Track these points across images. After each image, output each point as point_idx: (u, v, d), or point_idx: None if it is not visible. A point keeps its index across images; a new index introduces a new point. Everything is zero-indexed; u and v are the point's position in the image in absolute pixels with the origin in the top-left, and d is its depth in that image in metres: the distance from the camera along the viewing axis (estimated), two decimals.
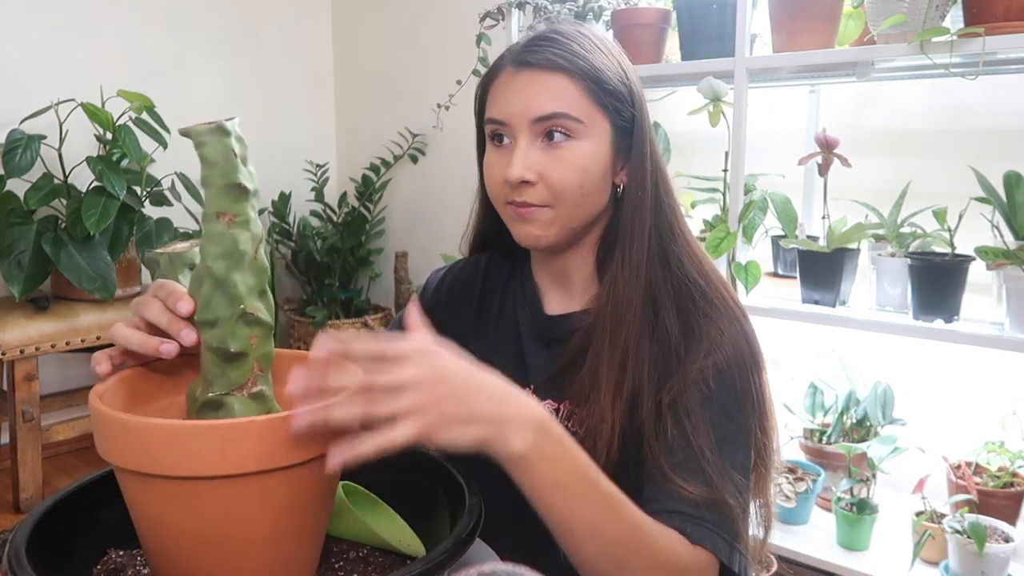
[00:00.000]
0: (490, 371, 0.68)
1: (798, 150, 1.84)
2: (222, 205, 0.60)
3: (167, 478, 0.56)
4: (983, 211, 1.55)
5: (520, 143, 0.84)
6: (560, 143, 0.83)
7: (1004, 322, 1.48)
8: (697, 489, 0.75)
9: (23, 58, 2.45)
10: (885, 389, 1.78)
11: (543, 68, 0.84)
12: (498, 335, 0.97)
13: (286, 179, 2.98)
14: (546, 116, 0.83)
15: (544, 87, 0.84)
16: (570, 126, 0.83)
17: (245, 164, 0.62)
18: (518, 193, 0.84)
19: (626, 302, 0.85)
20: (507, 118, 0.85)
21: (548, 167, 0.83)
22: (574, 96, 0.83)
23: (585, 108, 0.84)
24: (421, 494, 0.79)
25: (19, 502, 2.18)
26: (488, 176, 0.88)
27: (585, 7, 1.92)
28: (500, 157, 0.86)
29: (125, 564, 0.69)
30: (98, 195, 2.17)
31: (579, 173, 0.84)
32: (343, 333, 0.58)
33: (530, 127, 0.84)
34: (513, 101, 0.85)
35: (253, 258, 0.62)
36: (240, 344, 0.61)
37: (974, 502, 1.56)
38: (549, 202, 0.84)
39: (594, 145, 0.85)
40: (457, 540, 0.63)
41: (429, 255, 2.89)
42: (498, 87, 0.88)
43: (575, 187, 0.84)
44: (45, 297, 2.25)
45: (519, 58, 0.86)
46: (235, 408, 0.62)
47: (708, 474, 0.76)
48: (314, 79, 3.19)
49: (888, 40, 1.53)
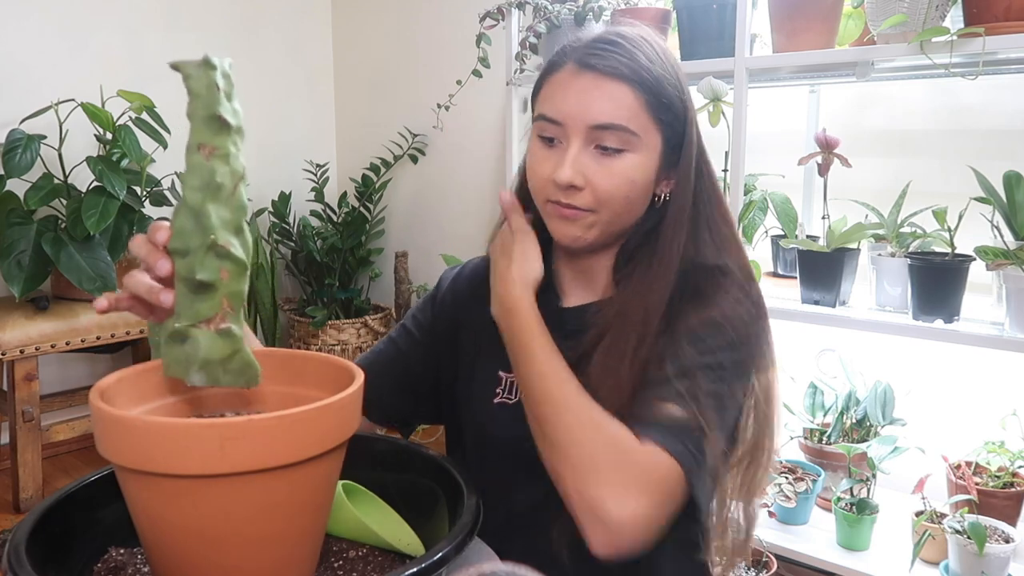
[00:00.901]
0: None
1: (798, 150, 1.84)
2: (203, 137, 0.61)
3: (167, 476, 0.56)
4: (983, 211, 1.55)
5: (572, 146, 0.83)
6: (613, 154, 0.83)
7: (1004, 322, 1.48)
8: (665, 405, 0.77)
9: (23, 58, 2.45)
10: (885, 389, 1.78)
11: (607, 74, 0.83)
12: None
13: (286, 179, 2.98)
14: (604, 125, 0.82)
15: (605, 94, 0.82)
16: (626, 138, 0.83)
17: (230, 100, 0.62)
18: (564, 195, 0.84)
19: (654, 304, 0.85)
20: (562, 118, 0.84)
21: (597, 175, 0.83)
22: (634, 109, 0.83)
23: (642, 122, 0.83)
24: (420, 493, 0.79)
25: (19, 502, 2.18)
26: (533, 171, 0.88)
27: (585, 7, 1.92)
28: (549, 155, 0.86)
29: (125, 562, 0.69)
30: (98, 195, 2.17)
31: (627, 185, 0.84)
32: None
33: (586, 132, 0.83)
34: (571, 102, 0.83)
35: (231, 193, 0.61)
36: (209, 275, 0.60)
37: (974, 502, 1.56)
38: (593, 207, 0.84)
39: (645, 158, 0.84)
40: (456, 539, 0.63)
41: (429, 255, 2.89)
42: (556, 84, 0.86)
43: (621, 198, 0.84)
44: (45, 297, 2.25)
45: (583, 59, 0.84)
46: (199, 341, 0.61)
47: (679, 393, 0.78)
48: (314, 79, 3.19)
49: (888, 40, 1.53)
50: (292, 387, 0.72)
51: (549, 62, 0.89)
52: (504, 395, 0.94)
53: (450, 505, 0.74)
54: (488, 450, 0.95)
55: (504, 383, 0.94)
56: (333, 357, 0.71)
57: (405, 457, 0.83)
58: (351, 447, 0.66)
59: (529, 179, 0.89)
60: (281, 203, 2.89)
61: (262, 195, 2.93)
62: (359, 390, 0.64)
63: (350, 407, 0.63)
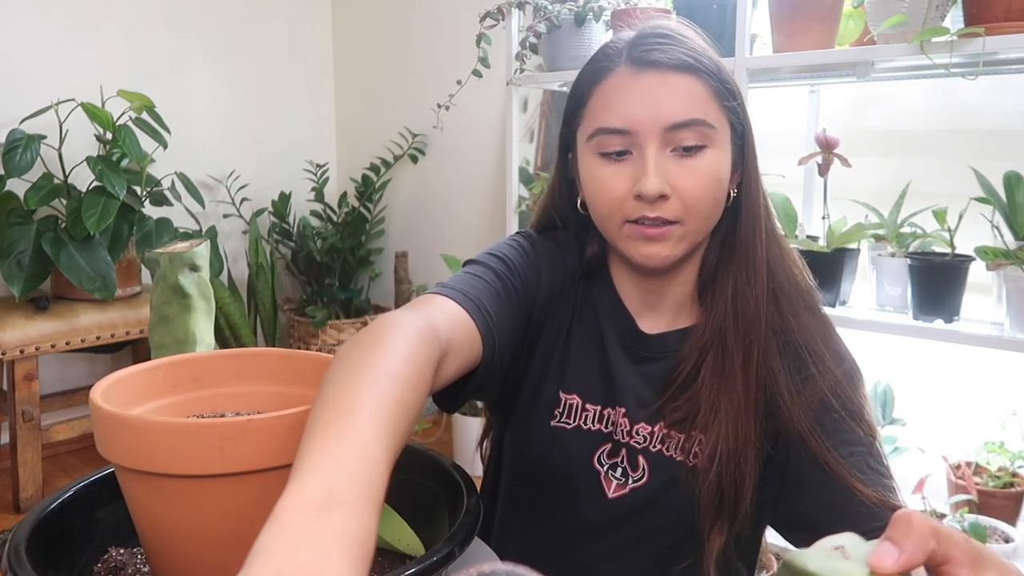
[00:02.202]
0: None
1: (798, 150, 1.84)
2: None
3: (166, 476, 0.56)
4: (983, 211, 1.55)
5: (650, 153, 0.75)
6: (694, 153, 0.76)
7: (1004, 322, 1.48)
8: (875, 494, 0.72)
9: (23, 58, 2.45)
10: (885, 389, 1.78)
11: (673, 69, 0.75)
12: (580, 349, 0.87)
13: (286, 179, 2.98)
14: (683, 123, 0.75)
15: (677, 90, 0.75)
16: (705, 133, 0.76)
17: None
18: (651, 208, 0.76)
19: (755, 314, 0.79)
20: (631, 125, 0.76)
21: (681, 179, 0.75)
22: (707, 99, 0.76)
23: (715, 112, 0.77)
24: (420, 493, 0.79)
25: (19, 502, 2.18)
26: (603, 193, 0.78)
27: (585, 7, 1.92)
28: (619, 171, 0.77)
29: (125, 562, 0.69)
30: (98, 195, 2.17)
31: (714, 184, 0.77)
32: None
33: (661, 135, 0.75)
34: (640, 106, 0.75)
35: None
36: None
37: (974, 502, 1.56)
38: (681, 217, 0.76)
39: (723, 152, 0.78)
40: (456, 539, 0.63)
41: (429, 255, 2.89)
42: (613, 91, 0.77)
43: (709, 199, 0.77)
44: (45, 297, 2.25)
45: (639, 57, 0.77)
46: None
47: (880, 478, 0.74)
48: (314, 79, 3.19)
49: (888, 40, 1.53)
50: (292, 387, 0.72)
51: (589, 72, 0.81)
52: (562, 419, 0.86)
53: (450, 506, 0.74)
54: (533, 473, 0.88)
55: (563, 405, 0.86)
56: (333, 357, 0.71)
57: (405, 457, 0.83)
58: None
59: (597, 204, 0.79)
60: (281, 203, 2.89)
61: (262, 195, 2.94)
62: None
63: None
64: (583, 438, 0.84)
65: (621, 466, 0.83)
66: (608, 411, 0.84)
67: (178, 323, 0.74)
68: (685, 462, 0.80)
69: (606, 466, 0.84)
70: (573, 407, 0.85)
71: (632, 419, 0.83)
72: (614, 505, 0.83)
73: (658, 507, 0.82)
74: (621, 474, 0.83)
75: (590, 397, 0.85)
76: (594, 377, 0.85)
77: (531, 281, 0.84)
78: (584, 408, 0.85)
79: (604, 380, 0.85)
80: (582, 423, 0.85)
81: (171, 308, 0.73)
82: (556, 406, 0.86)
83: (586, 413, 0.85)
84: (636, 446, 0.83)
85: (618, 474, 0.83)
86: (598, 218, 0.81)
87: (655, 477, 0.82)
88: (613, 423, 0.84)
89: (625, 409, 0.84)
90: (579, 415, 0.85)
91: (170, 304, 0.72)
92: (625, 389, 0.84)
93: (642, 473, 0.82)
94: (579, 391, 0.85)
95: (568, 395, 0.86)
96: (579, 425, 0.85)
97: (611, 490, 0.83)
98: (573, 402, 0.85)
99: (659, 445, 0.82)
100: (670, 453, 0.81)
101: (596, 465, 0.84)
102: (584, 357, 0.86)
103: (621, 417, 0.84)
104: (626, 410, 0.84)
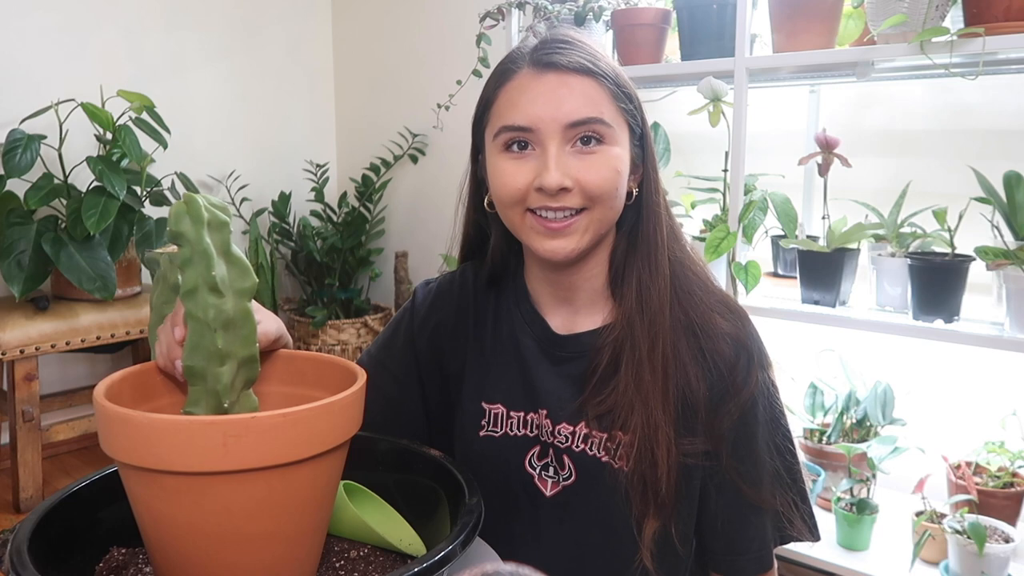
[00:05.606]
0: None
1: (798, 150, 1.85)
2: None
3: (170, 473, 0.56)
4: (983, 211, 1.55)
5: (551, 149, 0.79)
6: (594, 148, 0.80)
7: (1004, 322, 1.48)
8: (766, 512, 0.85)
9: (23, 58, 2.45)
10: (885, 389, 1.78)
11: (572, 71, 0.80)
12: (498, 360, 0.92)
13: (286, 179, 2.98)
14: (580, 121, 0.79)
15: (575, 90, 0.80)
16: (603, 131, 0.80)
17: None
18: (552, 199, 0.80)
19: (659, 307, 0.83)
20: (534, 123, 0.80)
21: (581, 172, 0.80)
22: (604, 100, 0.81)
23: (612, 112, 0.81)
24: (421, 493, 0.79)
25: (19, 502, 2.18)
26: (505, 185, 0.82)
27: (585, 7, 1.92)
28: (520, 165, 0.81)
29: (127, 562, 0.69)
30: (98, 195, 2.17)
31: (615, 176, 0.81)
32: None
33: (562, 132, 0.79)
34: (540, 104, 0.80)
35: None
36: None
37: (974, 502, 1.56)
38: (585, 204, 0.81)
39: (621, 148, 0.82)
40: (457, 539, 0.63)
41: (429, 255, 2.89)
42: (516, 91, 0.82)
43: (611, 190, 0.81)
44: (45, 297, 2.25)
45: (540, 59, 0.81)
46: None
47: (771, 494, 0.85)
48: (314, 79, 3.19)
49: (888, 40, 1.53)
50: (294, 387, 0.73)
51: (496, 75, 0.86)
52: (489, 428, 0.90)
53: (451, 505, 0.74)
54: (480, 484, 0.92)
55: (488, 415, 0.90)
56: (335, 357, 0.72)
57: (407, 457, 0.83)
58: (353, 447, 0.66)
59: (501, 195, 0.83)
60: (281, 203, 2.89)
61: (262, 195, 2.93)
62: (361, 390, 0.64)
63: (352, 407, 0.63)
64: (512, 444, 0.89)
65: (552, 465, 0.87)
66: (531, 415, 0.89)
67: None
68: (611, 462, 0.83)
69: (538, 468, 0.88)
70: (498, 416, 0.90)
71: (554, 420, 0.87)
72: (552, 503, 0.87)
73: (589, 502, 0.86)
74: (553, 473, 0.87)
75: (513, 404, 0.90)
76: (515, 385, 0.90)
77: (404, 348, 0.96)
78: (509, 416, 0.90)
79: (525, 386, 0.89)
80: (509, 430, 0.89)
81: (171, 308, 0.73)
82: (482, 417, 0.91)
83: (511, 420, 0.89)
84: (560, 446, 0.87)
85: (551, 473, 0.87)
86: (502, 209, 0.85)
87: (581, 475, 0.86)
88: (538, 426, 0.88)
89: (547, 411, 0.88)
90: (505, 423, 0.89)
91: (170, 304, 0.72)
92: (546, 392, 0.88)
93: (569, 472, 0.86)
94: (503, 400, 0.90)
95: (492, 405, 0.90)
96: (507, 432, 0.89)
97: (548, 489, 0.88)
98: (498, 411, 0.90)
99: (582, 444, 0.86)
100: (593, 452, 0.85)
101: (528, 468, 0.88)
102: (503, 367, 0.91)
103: (544, 419, 0.88)
104: (548, 412, 0.87)
